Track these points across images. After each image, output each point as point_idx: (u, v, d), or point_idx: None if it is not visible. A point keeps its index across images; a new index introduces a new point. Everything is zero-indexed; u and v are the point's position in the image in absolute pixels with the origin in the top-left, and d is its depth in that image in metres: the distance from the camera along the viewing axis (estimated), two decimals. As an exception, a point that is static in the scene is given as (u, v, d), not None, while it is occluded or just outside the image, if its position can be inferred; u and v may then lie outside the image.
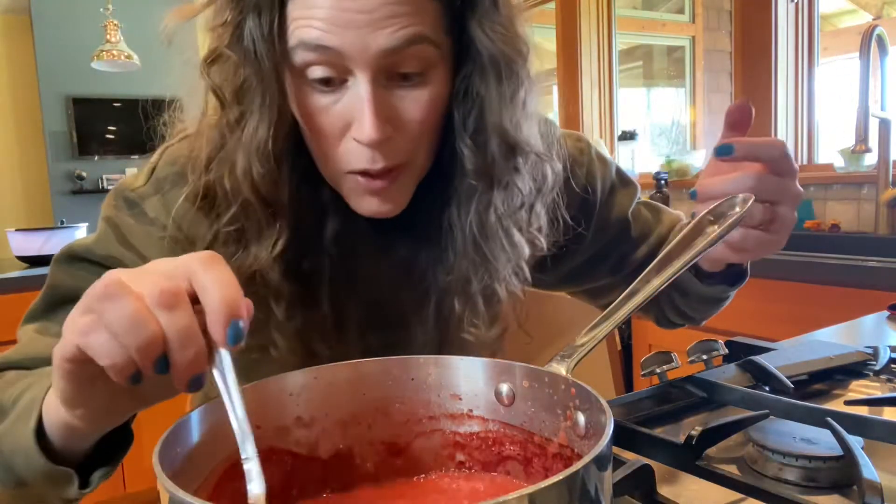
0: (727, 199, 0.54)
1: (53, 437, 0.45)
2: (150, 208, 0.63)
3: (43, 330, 0.62)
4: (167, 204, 0.62)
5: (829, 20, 4.11)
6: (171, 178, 0.64)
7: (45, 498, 0.49)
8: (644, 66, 3.64)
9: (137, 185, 0.65)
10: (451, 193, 0.62)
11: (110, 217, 0.64)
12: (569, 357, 0.45)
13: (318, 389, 0.46)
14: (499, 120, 0.58)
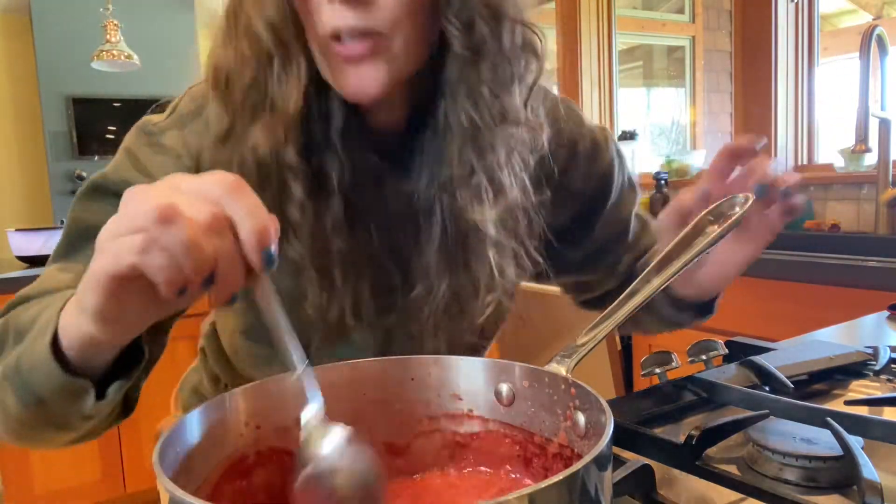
0: (727, 199, 0.54)
1: (72, 351, 0.47)
2: (169, 140, 0.65)
3: (64, 268, 0.64)
4: (186, 137, 0.65)
5: (829, 20, 4.11)
6: (192, 114, 0.66)
7: (67, 416, 0.51)
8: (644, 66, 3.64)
9: (159, 120, 0.67)
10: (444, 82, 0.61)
11: (128, 147, 0.67)
12: (569, 357, 0.45)
13: (318, 389, 0.45)
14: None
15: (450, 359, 0.47)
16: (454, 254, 0.65)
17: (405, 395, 0.47)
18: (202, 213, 0.38)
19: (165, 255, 0.37)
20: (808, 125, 2.35)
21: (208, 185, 0.39)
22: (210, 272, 0.38)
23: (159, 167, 0.64)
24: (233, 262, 0.39)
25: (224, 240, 0.38)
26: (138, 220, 0.37)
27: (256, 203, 0.39)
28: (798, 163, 2.37)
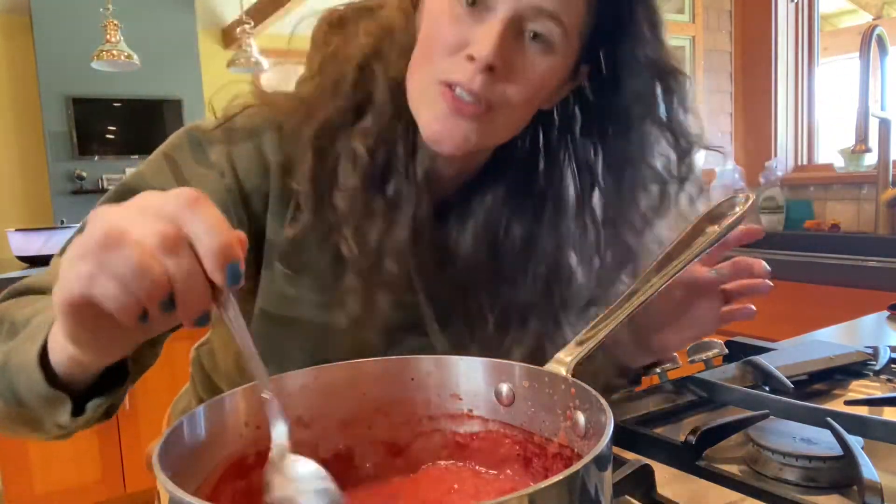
0: (727, 199, 0.54)
1: (57, 365, 0.46)
2: (214, 153, 0.63)
3: None
4: (233, 155, 0.63)
5: (829, 20, 4.11)
6: (245, 133, 0.65)
7: (42, 421, 0.51)
8: (644, 66, 3.64)
9: (208, 128, 0.65)
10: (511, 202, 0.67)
11: (169, 153, 0.64)
12: (569, 357, 0.45)
13: (318, 389, 0.45)
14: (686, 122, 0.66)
15: (450, 359, 0.47)
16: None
17: (405, 395, 0.47)
18: (153, 233, 0.35)
19: (114, 282, 0.35)
20: (808, 125, 2.35)
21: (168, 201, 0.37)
22: (167, 294, 0.36)
23: (200, 181, 0.62)
24: (192, 281, 0.36)
25: (180, 259, 0.36)
26: (88, 246, 0.36)
27: (216, 218, 0.37)
28: (798, 163, 2.37)
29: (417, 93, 0.61)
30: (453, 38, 0.58)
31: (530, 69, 0.58)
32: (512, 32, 0.57)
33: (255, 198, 0.64)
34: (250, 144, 0.64)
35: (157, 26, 5.78)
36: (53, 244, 2.33)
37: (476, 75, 0.57)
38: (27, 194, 5.90)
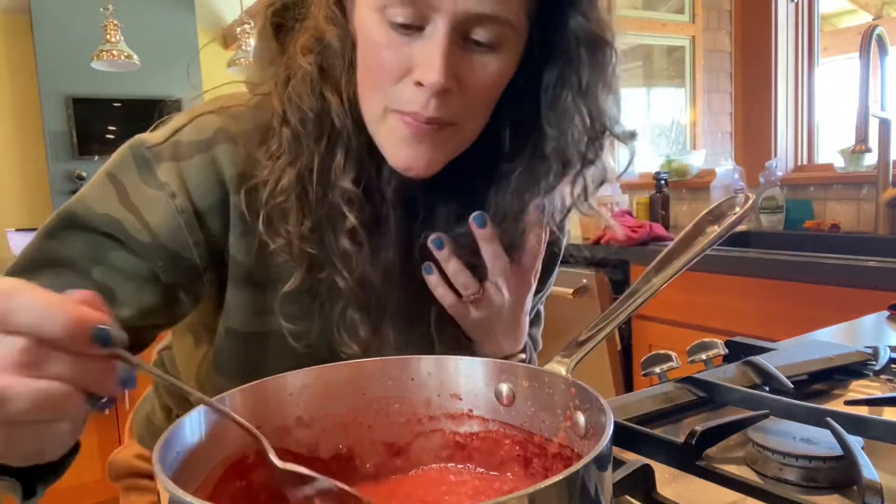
0: (727, 199, 0.54)
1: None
2: (163, 171, 0.58)
3: None
4: (184, 172, 0.59)
5: (829, 20, 4.11)
6: (195, 146, 0.59)
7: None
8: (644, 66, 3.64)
9: (154, 143, 0.60)
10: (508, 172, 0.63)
11: (114, 173, 0.59)
12: (569, 357, 0.45)
13: (318, 389, 0.46)
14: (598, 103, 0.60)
15: (450, 359, 0.47)
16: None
17: (405, 395, 0.47)
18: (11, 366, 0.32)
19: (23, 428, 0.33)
20: (808, 125, 2.35)
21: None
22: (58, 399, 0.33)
23: (149, 204, 0.58)
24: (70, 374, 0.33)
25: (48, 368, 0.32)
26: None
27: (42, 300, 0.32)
28: (798, 163, 2.37)
29: (374, 120, 0.58)
30: (395, 64, 0.54)
31: (484, 75, 0.55)
32: (457, 45, 0.53)
33: (212, 216, 0.59)
34: (203, 158, 0.59)
35: (157, 26, 5.78)
36: (53, 244, 2.33)
37: (429, 101, 0.53)
38: (27, 194, 5.90)
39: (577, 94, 0.60)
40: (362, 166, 0.60)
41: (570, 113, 0.60)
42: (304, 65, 0.57)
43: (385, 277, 0.62)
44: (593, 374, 2.05)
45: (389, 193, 0.62)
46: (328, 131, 0.58)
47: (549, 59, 0.60)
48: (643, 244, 2.00)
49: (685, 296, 1.77)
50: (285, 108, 0.58)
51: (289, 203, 0.58)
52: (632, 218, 2.21)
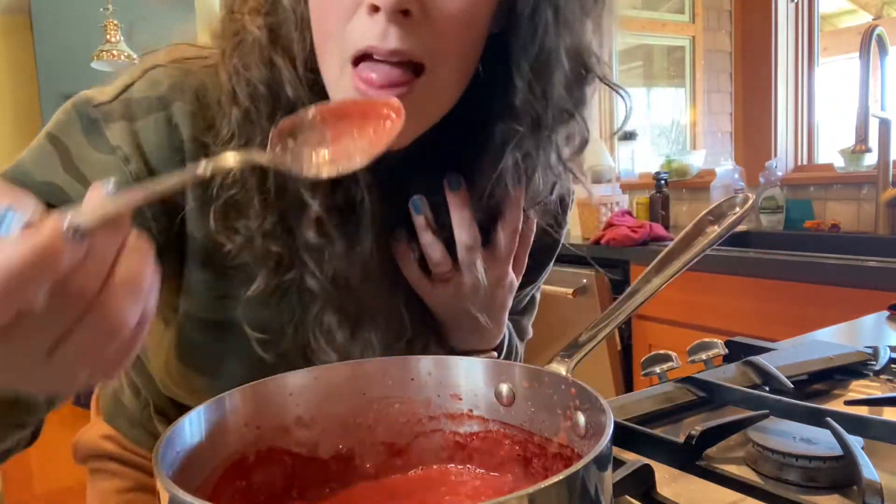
0: (727, 199, 0.54)
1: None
2: (113, 134, 0.51)
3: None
4: (138, 132, 0.51)
5: (829, 20, 4.11)
6: (148, 103, 0.52)
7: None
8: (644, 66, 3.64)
9: (102, 101, 0.52)
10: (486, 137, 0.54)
11: (57, 136, 0.52)
12: (569, 357, 0.45)
13: (318, 389, 0.46)
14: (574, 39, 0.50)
15: (450, 359, 0.47)
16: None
17: (405, 395, 0.47)
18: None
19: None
20: (808, 125, 2.35)
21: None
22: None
23: (98, 171, 0.50)
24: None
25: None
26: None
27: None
28: (798, 163, 2.37)
29: (332, 83, 0.49)
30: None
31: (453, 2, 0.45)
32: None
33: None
34: (159, 116, 0.51)
35: (157, 26, 5.78)
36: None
37: (388, 29, 0.43)
38: (27, 194, 5.90)
39: (552, 26, 0.49)
40: None
41: (544, 52, 0.49)
42: (253, 29, 0.50)
43: (363, 272, 0.55)
44: (593, 374, 2.05)
45: (362, 174, 0.53)
46: (282, 106, 0.50)
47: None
48: (643, 244, 2.00)
49: (685, 296, 1.77)
50: (233, 84, 0.50)
51: (244, 195, 0.51)
52: (632, 218, 2.21)
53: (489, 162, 0.55)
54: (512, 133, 0.52)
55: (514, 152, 0.53)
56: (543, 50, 0.49)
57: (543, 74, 0.50)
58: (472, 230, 0.57)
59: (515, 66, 0.50)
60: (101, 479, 0.78)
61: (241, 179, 0.51)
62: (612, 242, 2.03)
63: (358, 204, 0.54)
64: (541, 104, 0.51)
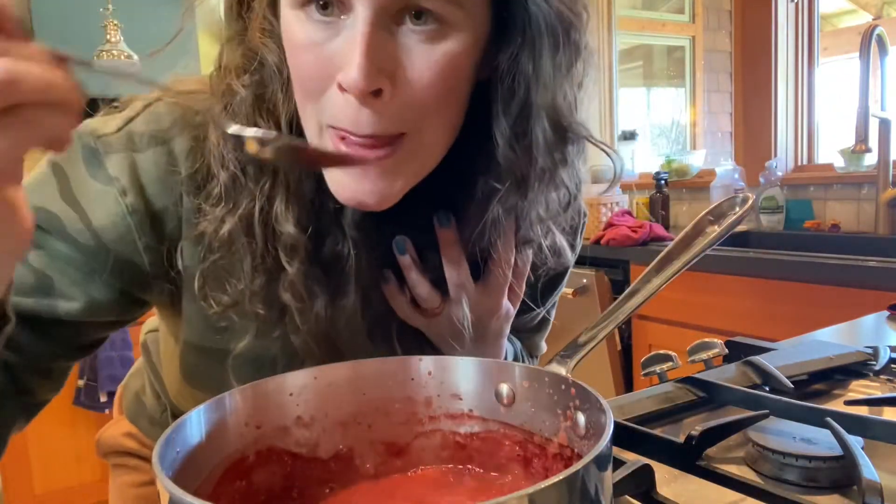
0: (727, 199, 0.54)
1: None
2: (113, 165, 0.52)
3: None
4: (134, 166, 0.52)
5: (829, 20, 4.12)
6: (149, 137, 0.53)
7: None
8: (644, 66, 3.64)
9: (106, 132, 0.53)
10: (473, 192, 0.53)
11: (58, 164, 0.53)
12: (569, 357, 0.45)
13: (318, 389, 0.46)
14: (553, 97, 0.48)
15: (450, 359, 0.47)
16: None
17: (405, 395, 0.47)
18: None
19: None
20: (808, 125, 2.35)
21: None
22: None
23: (95, 201, 0.51)
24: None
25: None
26: None
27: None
28: (798, 163, 2.37)
29: (313, 141, 0.48)
30: (317, 64, 0.44)
31: (427, 67, 0.44)
32: (386, 32, 0.43)
33: (168, 217, 0.53)
34: (158, 151, 0.52)
35: (157, 26, 5.78)
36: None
37: (360, 112, 0.43)
38: (27, 194, 5.90)
39: (532, 82, 0.48)
40: (309, 205, 0.52)
41: (524, 111, 0.49)
42: (239, 89, 0.50)
43: (348, 327, 0.56)
44: (593, 374, 2.05)
45: (350, 229, 0.54)
46: (267, 170, 0.50)
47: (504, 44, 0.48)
48: (643, 244, 2.00)
49: (685, 296, 1.77)
50: (222, 148, 0.50)
51: (232, 257, 0.52)
52: (632, 218, 2.21)
53: (476, 211, 0.54)
54: (495, 190, 0.52)
55: (499, 206, 0.53)
56: (524, 105, 0.49)
57: (523, 132, 0.49)
58: (461, 268, 0.57)
59: (496, 122, 0.50)
60: (122, 473, 0.84)
61: (227, 242, 0.51)
62: (612, 242, 2.03)
63: (344, 259, 0.54)
64: (523, 163, 0.50)
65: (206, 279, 0.53)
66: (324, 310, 0.54)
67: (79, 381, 2.16)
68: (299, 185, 0.51)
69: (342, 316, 0.55)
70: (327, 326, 0.54)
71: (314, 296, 0.53)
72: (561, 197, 0.56)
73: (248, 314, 0.53)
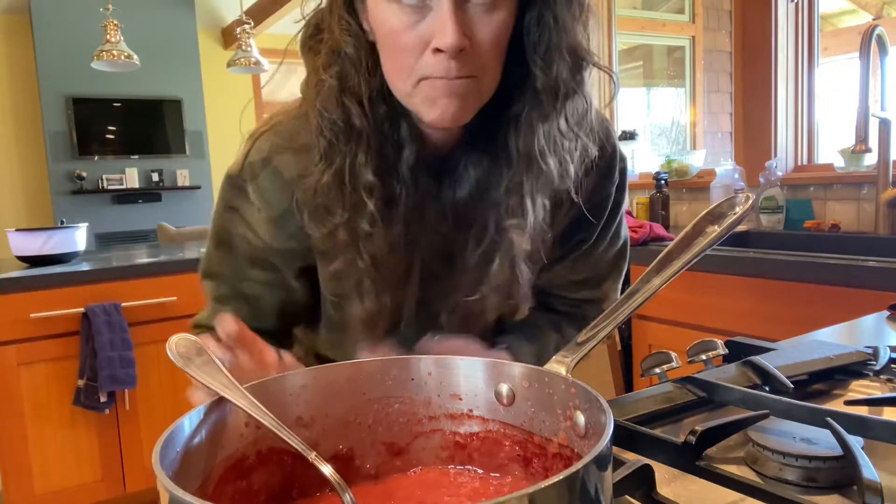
0: (727, 199, 0.54)
1: None
2: (251, 191, 0.76)
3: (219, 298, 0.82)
4: (259, 187, 0.75)
5: (829, 20, 4.11)
6: (261, 164, 0.75)
7: None
8: (644, 66, 3.65)
9: (237, 172, 0.77)
10: (517, 114, 0.70)
11: (230, 204, 0.78)
12: (569, 357, 0.45)
13: (318, 389, 0.46)
14: (570, 38, 0.67)
15: (450, 359, 0.47)
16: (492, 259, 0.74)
17: (405, 395, 0.47)
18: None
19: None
20: (808, 125, 2.35)
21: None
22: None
23: (254, 217, 0.77)
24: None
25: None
26: None
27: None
28: (798, 163, 2.37)
29: (408, 94, 0.66)
30: (413, 39, 0.63)
31: (489, 31, 0.63)
32: (461, 10, 0.62)
33: (288, 215, 0.74)
34: (269, 171, 0.74)
35: (157, 26, 5.78)
36: (53, 244, 2.33)
37: (450, 63, 0.62)
38: (27, 194, 5.90)
39: (554, 30, 0.67)
40: (382, 156, 0.70)
41: (551, 49, 0.67)
42: (328, 79, 0.68)
43: (391, 248, 0.72)
44: (593, 374, 2.05)
45: (405, 171, 0.71)
46: (353, 134, 0.69)
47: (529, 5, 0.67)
48: (643, 244, 2.00)
49: (685, 296, 1.77)
50: (320, 122, 0.69)
51: (329, 199, 0.70)
52: (632, 218, 2.21)
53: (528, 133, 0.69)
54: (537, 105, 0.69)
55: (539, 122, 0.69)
56: (549, 47, 0.67)
57: (552, 64, 0.67)
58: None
59: (532, 61, 0.68)
60: None
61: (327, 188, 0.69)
62: (612, 242, 2.02)
63: (396, 197, 0.71)
64: (555, 84, 0.68)
65: (311, 216, 0.72)
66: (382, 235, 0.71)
67: (79, 381, 2.15)
68: (376, 142, 0.69)
69: (389, 242, 0.72)
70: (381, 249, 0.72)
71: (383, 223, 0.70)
72: (579, 107, 0.71)
73: (340, 242, 0.72)
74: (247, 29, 3.89)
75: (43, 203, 5.85)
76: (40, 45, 5.57)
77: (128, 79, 5.28)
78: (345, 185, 0.69)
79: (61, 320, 2.14)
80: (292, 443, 0.40)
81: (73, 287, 2.16)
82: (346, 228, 0.71)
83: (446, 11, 0.61)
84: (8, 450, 2.12)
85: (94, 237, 5.56)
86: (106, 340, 2.14)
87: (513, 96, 0.70)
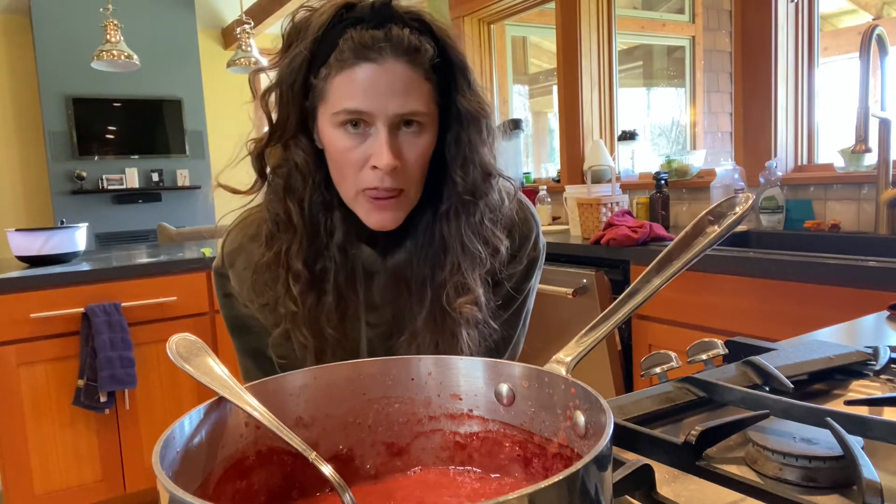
0: (727, 199, 0.54)
1: None
2: (232, 281, 0.91)
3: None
4: (236, 276, 0.91)
5: (829, 20, 4.11)
6: (234, 255, 0.91)
7: None
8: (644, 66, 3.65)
9: (219, 265, 0.93)
10: (443, 211, 0.86)
11: (224, 292, 0.94)
12: (568, 357, 0.45)
13: (318, 389, 0.46)
14: (480, 155, 0.85)
15: (450, 359, 0.47)
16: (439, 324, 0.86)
17: (405, 395, 0.47)
18: None
19: None
20: (808, 125, 2.35)
21: None
22: None
23: (237, 303, 0.92)
24: None
25: None
26: None
27: None
28: (798, 163, 2.37)
29: (350, 200, 0.83)
30: (357, 157, 0.79)
31: (415, 153, 0.80)
32: (394, 135, 0.78)
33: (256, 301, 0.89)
34: (242, 258, 0.90)
35: (157, 26, 5.78)
36: (53, 244, 2.33)
37: (384, 178, 0.78)
38: (27, 194, 5.90)
39: (468, 148, 0.84)
40: (313, 246, 0.84)
41: (466, 163, 0.84)
42: (276, 179, 0.85)
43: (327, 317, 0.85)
44: (593, 374, 2.05)
45: (334, 250, 0.85)
46: (292, 227, 0.84)
47: (448, 128, 0.85)
48: (643, 244, 2.00)
49: (685, 296, 1.77)
50: (267, 215, 0.85)
51: (265, 277, 0.85)
52: (632, 218, 2.21)
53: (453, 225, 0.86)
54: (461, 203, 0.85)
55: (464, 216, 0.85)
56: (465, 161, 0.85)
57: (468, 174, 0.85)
58: None
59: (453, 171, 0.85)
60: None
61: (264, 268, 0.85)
62: (612, 242, 2.03)
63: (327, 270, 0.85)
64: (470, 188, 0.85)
65: (251, 288, 0.88)
66: (313, 307, 0.84)
67: (79, 381, 2.15)
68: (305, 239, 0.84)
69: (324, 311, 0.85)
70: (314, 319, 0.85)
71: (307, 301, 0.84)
72: (492, 203, 0.88)
73: (276, 314, 0.85)
74: (247, 29, 3.89)
75: (43, 203, 5.85)
76: (40, 45, 5.57)
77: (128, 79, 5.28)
78: (280, 267, 0.84)
79: (61, 320, 2.14)
80: (292, 443, 0.40)
81: (73, 287, 2.17)
82: (279, 303, 0.84)
83: (382, 138, 0.77)
84: (8, 450, 2.12)
85: (94, 237, 5.56)
86: (106, 340, 2.14)
87: (441, 197, 0.86)
